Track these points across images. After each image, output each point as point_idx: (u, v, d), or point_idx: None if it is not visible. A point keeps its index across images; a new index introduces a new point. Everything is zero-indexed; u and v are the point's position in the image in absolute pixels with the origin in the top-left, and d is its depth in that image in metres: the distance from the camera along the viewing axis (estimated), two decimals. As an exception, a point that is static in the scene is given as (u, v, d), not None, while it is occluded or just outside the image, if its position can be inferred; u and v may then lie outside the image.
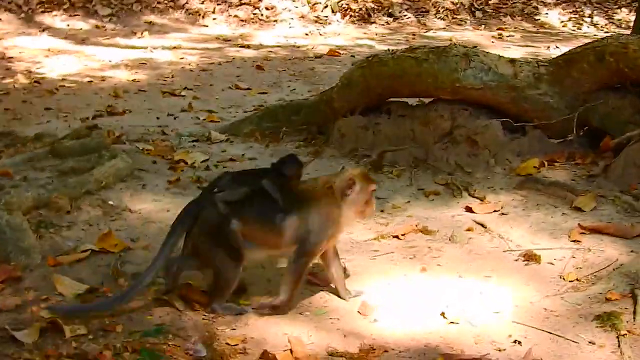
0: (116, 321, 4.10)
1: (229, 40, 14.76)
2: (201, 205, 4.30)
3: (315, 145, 7.39)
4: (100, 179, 5.94)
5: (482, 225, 5.47)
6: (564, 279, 4.74)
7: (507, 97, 6.52)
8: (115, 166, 6.17)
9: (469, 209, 5.74)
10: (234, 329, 4.14)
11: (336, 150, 7.12)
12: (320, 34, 15.70)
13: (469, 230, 5.41)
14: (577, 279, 4.72)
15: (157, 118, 8.85)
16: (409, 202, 5.99)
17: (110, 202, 5.72)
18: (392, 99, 7.08)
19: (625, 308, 4.34)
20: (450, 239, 5.26)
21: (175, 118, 8.88)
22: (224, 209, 4.19)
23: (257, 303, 4.38)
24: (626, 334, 4.07)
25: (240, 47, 14.09)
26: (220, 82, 11.13)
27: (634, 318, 4.23)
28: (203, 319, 4.23)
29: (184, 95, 10.13)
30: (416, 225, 5.48)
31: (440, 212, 5.78)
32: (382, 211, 5.80)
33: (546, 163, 6.37)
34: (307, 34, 15.71)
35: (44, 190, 5.57)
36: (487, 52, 6.80)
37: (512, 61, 6.67)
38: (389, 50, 7.22)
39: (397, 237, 5.33)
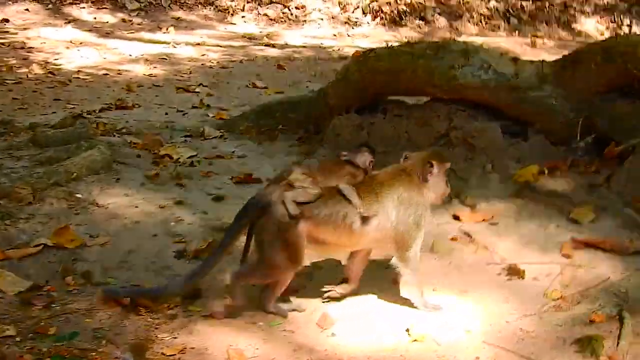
0: (51, 323, 3.81)
1: (255, 38, 14.47)
2: (270, 200, 3.99)
3: (310, 144, 7.04)
4: (71, 170, 5.66)
5: (468, 235, 5.09)
6: (547, 296, 4.34)
7: (507, 98, 6.10)
8: (90, 158, 5.89)
9: (456, 218, 5.35)
10: (176, 337, 3.83)
11: (330, 150, 6.74)
12: (349, 35, 15.34)
13: (453, 240, 5.03)
14: (561, 297, 4.32)
15: (166, 114, 8.60)
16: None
17: (78, 195, 5.43)
18: (389, 98, 6.69)
19: (610, 331, 3.95)
20: (431, 249, 4.87)
21: (184, 114, 8.63)
22: (294, 209, 3.92)
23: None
24: (605, 362, 3.67)
25: (265, 45, 13.80)
26: (238, 80, 10.86)
27: (617, 343, 3.82)
28: (145, 325, 3.91)
29: (198, 92, 9.88)
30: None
31: (427, 219, 5.39)
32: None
33: (547, 170, 5.86)
34: (335, 35, 15.36)
35: (6, 179, 5.30)
36: (489, 49, 6.37)
37: (514, 60, 6.25)
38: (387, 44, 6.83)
39: (374, 245, 4.96)
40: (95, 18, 15.02)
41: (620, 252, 4.85)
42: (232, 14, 15.96)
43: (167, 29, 14.55)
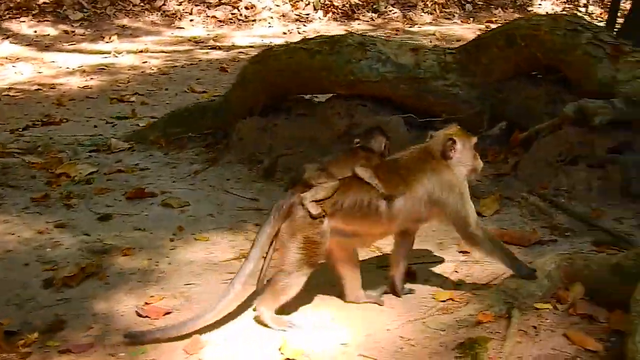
0: None
1: (202, 42, 14.11)
2: (289, 205, 3.79)
3: (216, 151, 6.74)
4: (-52, 199, 5.32)
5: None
6: (435, 299, 4.05)
7: (409, 90, 5.85)
8: (-31, 183, 5.55)
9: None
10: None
11: (234, 156, 6.49)
12: (300, 33, 14.97)
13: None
14: (450, 299, 4.03)
15: (95, 126, 8.25)
16: (290, 212, 5.30)
17: (-51, 223, 5.09)
18: (292, 97, 6.41)
19: (497, 332, 3.68)
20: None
21: (113, 125, 8.29)
22: (315, 209, 3.73)
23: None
24: (485, 367, 3.39)
25: (210, 48, 13.46)
26: (178, 85, 10.52)
27: (502, 345, 3.54)
28: (-9, 365, 3.59)
29: (132, 101, 9.54)
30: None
31: (321, 222, 5.09)
32: (257, 225, 5.13)
33: (454, 162, 5.64)
34: (285, 33, 15.02)
35: None
36: (387, 41, 6.10)
37: (415, 50, 5.98)
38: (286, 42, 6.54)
39: (261, 255, 4.65)
40: (35, 31, 14.54)
41: (521, 244, 4.62)
42: (179, 18, 15.60)
43: (110, 38, 14.16)
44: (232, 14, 15.89)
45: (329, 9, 16.10)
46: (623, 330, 3.48)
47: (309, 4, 16.13)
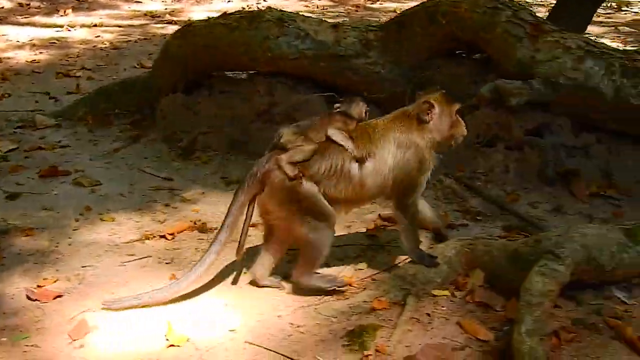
0: None
1: (158, 16, 13.81)
2: (266, 168, 3.71)
3: (140, 128, 6.58)
4: None
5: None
6: (333, 284, 3.96)
7: (329, 68, 5.72)
8: None
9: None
10: None
11: (158, 134, 6.33)
12: (259, 8, 14.73)
13: (251, 226, 4.59)
14: (348, 285, 3.94)
15: (36, 102, 7.98)
16: (204, 193, 5.19)
17: None
18: (215, 73, 6.25)
19: (390, 319, 3.61)
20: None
21: (56, 101, 8.02)
22: (291, 170, 3.64)
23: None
24: (370, 356, 3.31)
25: (167, 23, 13.17)
26: (128, 60, 10.24)
27: (392, 333, 3.46)
28: None
29: (79, 76, 9.24)
30: (195, 223, 4.69)
31: (232, 204, 4.97)
32: (167, 205, 5.02)
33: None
34: (244, 8, 14.72)
35: None
36: (307, 17, 5.95)
37: (335, 26, 5.84)
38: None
39: (164, 236, 4.54)
40: (-11, 5, 14.19)
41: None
42: (139, -8, 15.27)
43: (65, 12, 13.80)
44: (191, -13, 15.61)
45: (291, -17, 15.88)
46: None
47: (271, -23, 15.85)
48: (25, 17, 13.40)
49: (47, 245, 4.47)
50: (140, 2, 14.90)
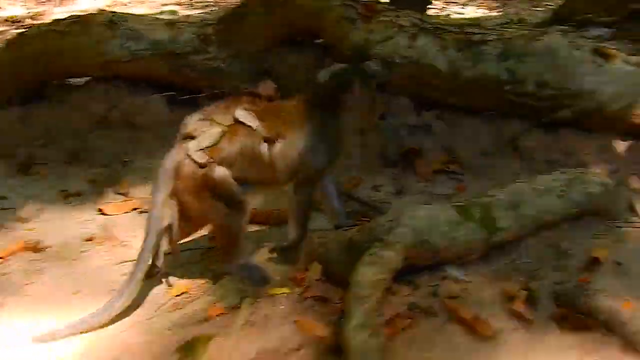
0: None
1: (18, 21, 13.16)
2: (175, 160, 3.56)
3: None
4: None
5: (111, 231, 4.49)
6: (170, 293, 3.82)
7: (167, 67, 5.55)
8: None
9: (101, 211, 4.75)
10: None
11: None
12: (125, 4, 14.24)
13: (88, 240, 4.42)
14: (185, 292, 3.80)
15: None
16: (41, 209, 4.94)
17: None
18: (54, 82, 5.98)
19: (226, 327, 3.46)
20: (59, 256, 4.25)
21: None
22: (200, 157, 3.50)
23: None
24: (200, 370, 3.18)
25: (28, 27, 12.50)
26: None
27: (226, 341, 3.34)
28: None
29: None
30: (27, 243, 4.44)
31: (69, 219, 4.74)
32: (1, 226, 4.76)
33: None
34: (109, 6, 14.23)
35: None
36: (140, 17, 5.77)
37: (171, 24, 5.67)
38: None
39: (-6, 261, 4.29)
40: None
41: (268, 223, 4.43)
42: (-2, -2, 14.57)
43: None
44: (56, -11, 15.02)
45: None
46: (348, 312, 3.34)
47: (137, -29, 15.38)
48: None
49: None
50: (1, 7, 14.26)
